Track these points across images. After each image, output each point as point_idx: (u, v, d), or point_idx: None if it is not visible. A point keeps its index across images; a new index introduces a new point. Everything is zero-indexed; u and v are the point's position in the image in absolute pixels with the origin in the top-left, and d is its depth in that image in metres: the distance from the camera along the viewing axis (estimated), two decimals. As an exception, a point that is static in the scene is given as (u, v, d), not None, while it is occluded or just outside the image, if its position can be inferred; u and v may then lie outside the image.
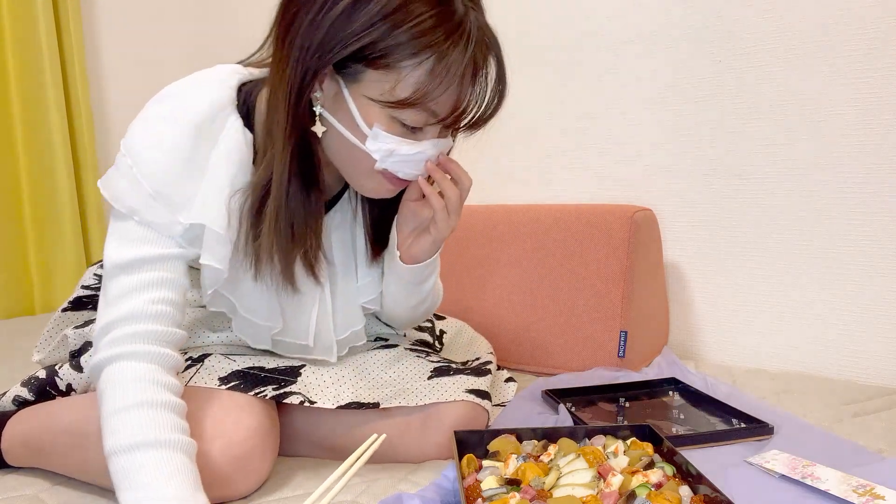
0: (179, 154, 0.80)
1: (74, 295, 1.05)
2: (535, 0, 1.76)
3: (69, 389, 0.96)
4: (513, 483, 0.78)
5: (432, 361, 1.04)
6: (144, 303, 0.78)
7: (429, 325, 1.23)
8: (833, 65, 1.38)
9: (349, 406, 0.92)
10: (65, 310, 1.05)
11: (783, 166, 1.45)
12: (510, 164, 1.84)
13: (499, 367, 1.35)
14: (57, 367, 0.97)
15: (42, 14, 2.09)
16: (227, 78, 0.86)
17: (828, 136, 1.40)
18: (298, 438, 0.98)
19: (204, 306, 1.00)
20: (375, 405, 0.93)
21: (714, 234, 1.55)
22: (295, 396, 0.90)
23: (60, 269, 2.20)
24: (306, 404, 0.91)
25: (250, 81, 0.88)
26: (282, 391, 0.90)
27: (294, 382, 0.92)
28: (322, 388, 0.93)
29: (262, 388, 0.90)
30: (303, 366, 0.96)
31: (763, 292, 1.50)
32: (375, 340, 1.11)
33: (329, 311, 0.98)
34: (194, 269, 0.89)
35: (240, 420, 0.84)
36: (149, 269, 0.79)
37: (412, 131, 0.83)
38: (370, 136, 0.82)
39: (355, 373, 0.98)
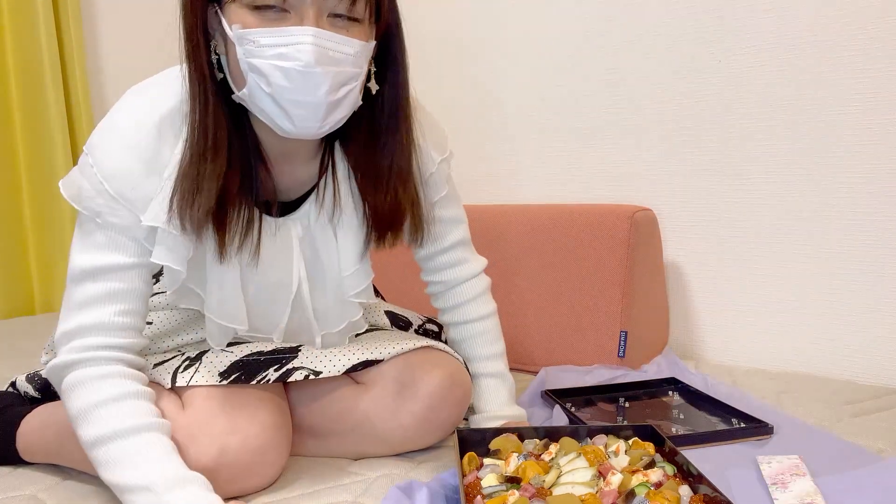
0: (140, 154, 0.79)
1: None
2: (536, 0, 1.76)
3: None
4: (513, 481, 0.78)
5: (419, 334, 1.08)
6: (110, 315, 0.80)
7: (435, 329, 1.23)
8: (833, 65, 1.38)
9: (356, 368, 0.93)
10: None
11: (783, 166, 1.45)
12: (510, 164, 1.84)
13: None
14: None
15: (42, 14, 2.09)
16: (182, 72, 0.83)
17: (828, 136, 1.40)
18: None
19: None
20: (381, 360, 0.95)
21: (714, 234, 1.55)
22: (299, 372, 0.92)
23: (60, 270, 2.20)
24: (311, 377, 0.92)
25: None
26: (284, 369, 0.91)
27: (295, 357, 0.93)
28: (323, 360, 0.94)
29: (264, 373, 0.90)
30: (300, 345, 0.97)
31: (763, 292, 1.50)
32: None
33: (307, 308, 0.95)
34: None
35: (255, 415, 0.86)
36: (114, 279, 0.80)
37: (280, 17, 0.75)
38: (235, 41, 0.75)
39: (353, 342, 1.00)
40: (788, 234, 1.46)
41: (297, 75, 0.75)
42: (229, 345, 0.95)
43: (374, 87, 0.85)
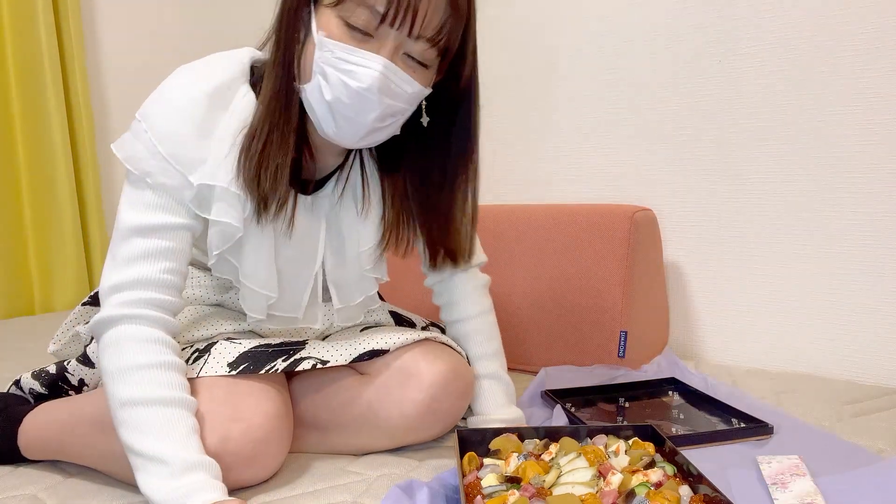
0: (192, 118, 0.83)
1: (96, 290, 1.07)
2: (535, 0, 1.76)
3: (81, 384, 1.01)
4: (513, 481, 0.78)
5: (424, 329, 1.10)
6: (156, 271, 0.82)
7: (438, 332, 1.23)
8: (833, 64, 1.38)
9: (362, 357, 0.95)
10: (85, 304, 1.08)
11: (783, 166, 1.45)
12: (510, 164, 1.84)
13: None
14: (66, 363, 1.01)
15: (42, 14, 2.09)
16: (241, 56, 0.90)
17: (828, 136, 1.40)
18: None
19: (211, 304, 1.04)
20: (387, 350, 0.97)
21: (714, 235, 1.55)
22: (307, 362, 0.94)
23: (60, 269, 2.20)
24: (319, 366, 0.94)
25: (263, 61, 0.91)
26: (292, 359, 0.94)
27: (303, 348, 0.96)
28: (330, 349, 0.97)
29: (272, 363, 0.92)
30: (307, 339, 1.00)
31: (763, 292, 1.50)
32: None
33: (320, 285, 1.00)
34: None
35: (258, 405, 0.87)
36: (160, 237, 0.83)
37: (363, 39, 0.81)
38: (317, 43, 0.82)
39: (359, 336, 1.02)
40: (788, 234, 1.46)
41: (357, 95, 0.82)
42: (237, 339, 0.97)
43: (425, 120, 0.93)
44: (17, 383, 1.06)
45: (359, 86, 0.81)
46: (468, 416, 1.08)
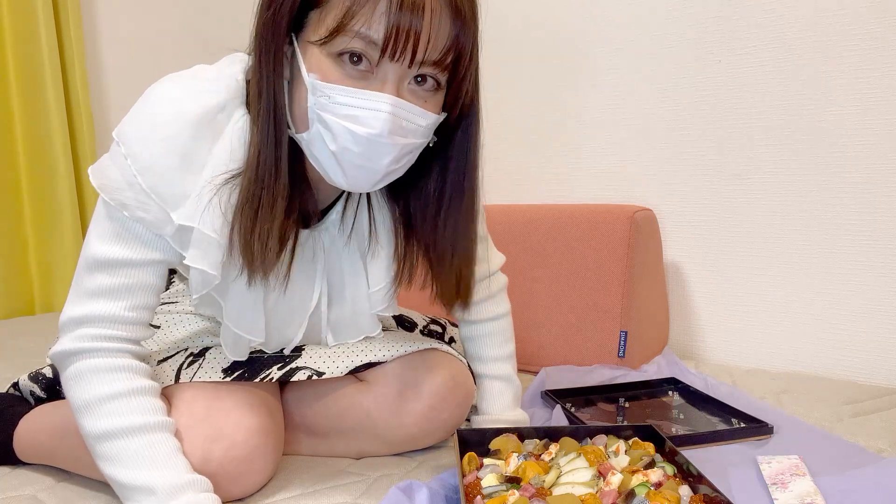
0: (177, 149, 0.74)
1: None
2: (535, 1, 1.76)
3: None
4: (513, 481, 0.78)
5: (423, 335, 1.07)
6: (121, 309, 0.77)
7: (439, 329, 1.23)
8: (834, 64, 1.38)
9: (358, 369, 0.93)
10: None
11: (783, 166, 1.45)
12: (510, 164, 1.84)
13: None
14: None
15: (42, 14, 2.09)
16: (233, 72, 0.80)
17: (828, 136, 1.40)
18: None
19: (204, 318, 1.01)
20: (384, 362, 0.95)
21: (714, 234, 1.55)
22: (302, 372, 0.91)
23: (60, 269, 2.20)
24: (314, 377, 0.91)
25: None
26: (287, 368, 0.91)
27: (299, 357, 0.93)
28: (327, 360, 0.94)
29: (268, 371, 0.90)
30: (303, 346, 0.97)
31: (763, 292, 1.50)
32: None
33: (322, 320, 0.95)
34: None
35: (241, 421, 0.84)
36: (128, 275, 0.77)
37: (362, 77, 0.72)
38: (309, 91, 0.73)
39: (356, 343, 0.98)
40: (788, 235, 1.46)
41: (366, 142, 0.73)
42: None
43: (432, 140, 0.82)
44: (15, 386, 1.06)
45: (368, 132, 0.72)
46: (472, 414, 1.07)
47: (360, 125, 0.72)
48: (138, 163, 0.74)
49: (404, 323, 1.15)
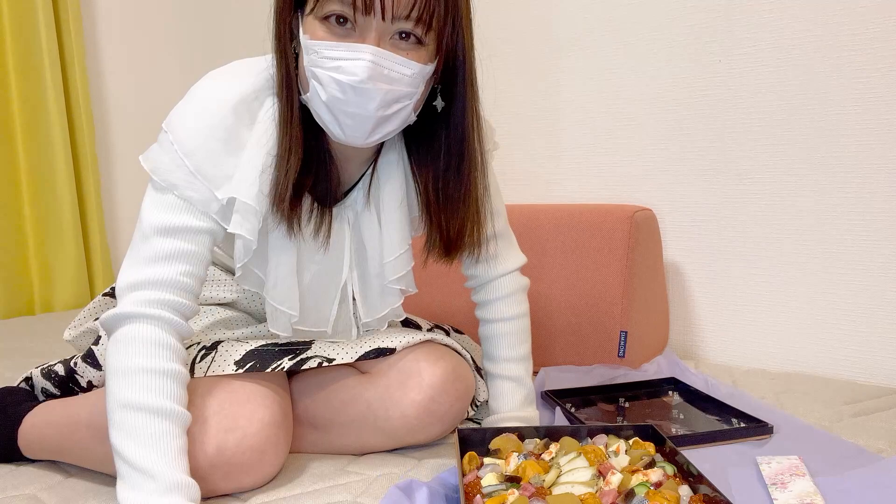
0: (219, 132, 0.84)
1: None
2: (535, 0, 1.76)
3: (90, 386, 1.01)
4: (513, 480, 0.78)
5: (430, 331, 1.10)
6: (174, 273, 0.82)
7: (443, 334, 1.23)
8: (834, 64, 1.38)
9: (368, 356, 0.96)
10: (105, 294, 1.09)
11: (783, 166, 1.45)
12: (510, 164, 1.84)
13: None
14: (72, 364, 1.01)
15: (42, 14, 2.10)
16: (265, 65, 0.89)
17: (828, 136, 1.40)
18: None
19: (223, 303, 1.05)
20: (392, 350, 0.98)
21: (714, 234, 1.55)
22: (313, 360, 0.95)
23: (60, 269, 2.20)
24: (325, 364, 0.95)
25: None
26: (298, 358, 0.94)
27: (309, 348, 0.97)
28: (336, 348, 0.98)
29: (279, 362, 0.93)
30: (313, 339, 1.01)
31: (763, 292, 1.50)
32: None
33: (350, 296, 1.00)
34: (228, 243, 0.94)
35: (254, 413, 0.87)
36: (181, 239, 0.83)
37: (345, 34, 0.80)
38: (304, 51, 0.82)
39: (364, 336, 1.02)
40: (788, 234, 1.46)
41: (350, 89, 0.79)
42: (245, 339, 0.98)
43: (439, 104, 0.89)
44: (27, 380, 1.07)
45: (350, 79, 0.79)
46: (484, 415, 1.08)
47: (344, 74, 0.79)
48: (184, 147, 0.83)
49: (409, 325, 1.16)
